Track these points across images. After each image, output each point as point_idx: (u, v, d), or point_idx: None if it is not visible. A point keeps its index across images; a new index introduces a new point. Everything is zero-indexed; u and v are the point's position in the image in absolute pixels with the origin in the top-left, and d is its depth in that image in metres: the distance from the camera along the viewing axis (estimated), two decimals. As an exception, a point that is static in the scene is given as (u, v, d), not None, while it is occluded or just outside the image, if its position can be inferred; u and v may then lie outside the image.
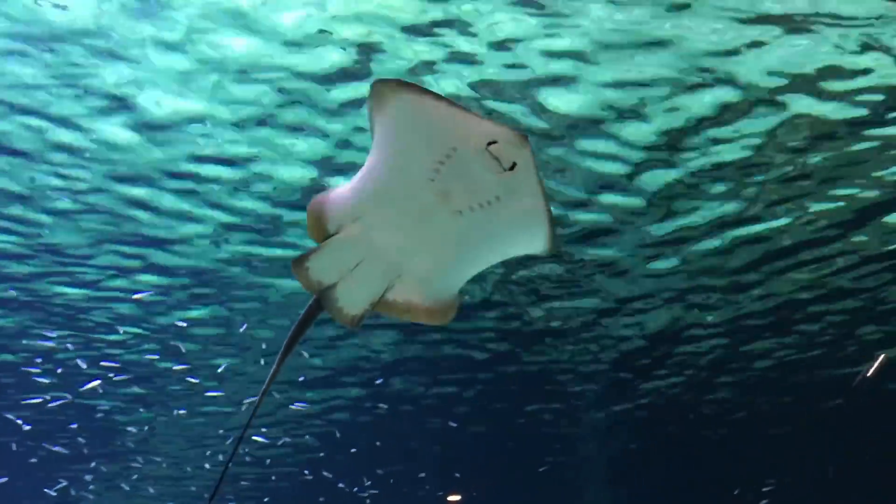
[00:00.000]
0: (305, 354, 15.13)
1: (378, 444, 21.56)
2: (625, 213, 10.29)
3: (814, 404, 19.04)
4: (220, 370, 15.79)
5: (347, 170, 9.28)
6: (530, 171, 3.05)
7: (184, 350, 14.79)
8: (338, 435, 20.64)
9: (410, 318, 3.51)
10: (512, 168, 3.01)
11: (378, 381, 16.92)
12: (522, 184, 3.08)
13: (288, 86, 7.89)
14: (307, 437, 20.93)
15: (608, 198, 9.91)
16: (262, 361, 15.53)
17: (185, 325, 13.76)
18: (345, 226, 3.31)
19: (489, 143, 2.97)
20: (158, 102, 8.08)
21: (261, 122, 8.46)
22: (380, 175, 3.21)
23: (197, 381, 16.23)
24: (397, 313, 3.49)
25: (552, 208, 3.39)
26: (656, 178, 9.53)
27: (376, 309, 3.47)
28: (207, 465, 23.36)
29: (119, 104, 8.11)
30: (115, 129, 8.53)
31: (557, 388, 17.65)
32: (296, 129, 8.60)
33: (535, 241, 3.35)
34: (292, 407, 17.82)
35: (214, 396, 17.40)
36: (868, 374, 16.88)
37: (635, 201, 10.01)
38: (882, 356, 16.18)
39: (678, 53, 7.35)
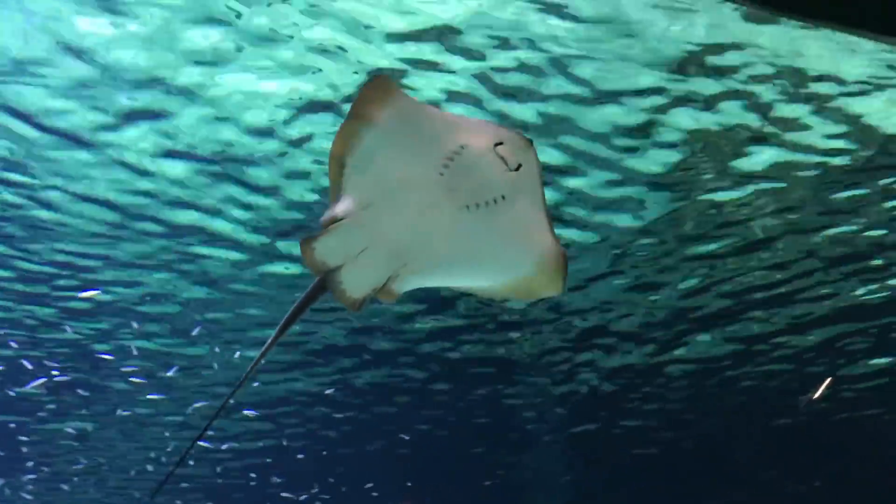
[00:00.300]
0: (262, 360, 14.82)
1: (324, 453, 21.37)
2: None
3: (762, 425, 19.40)
4: (170, 373, 15.45)
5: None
6: (535, 175, 3.23)
7: (135, 352, 14.42)
8: (285, 443, 20.39)
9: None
10: (517, 170, 3.19)
11: (329, 391, 16.74)
12: (527, 185, 3.25)
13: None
14: (260, 443, 20.63)
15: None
16: (216, 366, 15.24)
17: (136, 325, 13.41)
18: (354, 212, 3.41)
19: (496, 144, 3.16)
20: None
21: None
22: (389, 165, 3.33)
23: (143, 380, 15.84)
24: (396, 300, 3.63)
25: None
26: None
27: (378, 296, 3.58)
28: (150, 467, 22.84)
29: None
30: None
31: (511, 403, 17.71)
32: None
33: (538, 252, 3.42)
34: (244, 413, 17.54)
35: (158, 399, 17.01)
36: (815, 397, 17.24)
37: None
38: (829, 379, 16.52)
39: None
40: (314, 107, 7.88)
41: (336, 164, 3.41)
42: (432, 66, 7.26)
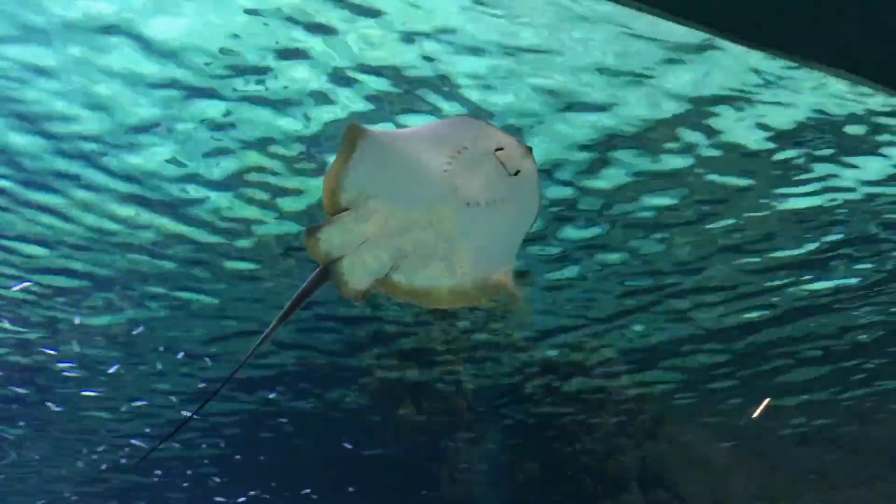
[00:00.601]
0: (208, 361, 14.64)
1: (262, 458, 21.13)
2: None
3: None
4: (111, 371, 15.07)
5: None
6: (533, 181, 3.37)
7: (78, 349, 14.04)
8: (222, 445, 20.11)
9: (417, 302, 3.74)
10: (515, 175, 3.33)
11: (271, 396, 16.57)
12: (523, 191, 3.39)
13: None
14: (203, 445, 20.28)
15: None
16: (160, 365, 14.91)
17: (78, 322, 13.03)
18: (358, 203, 3.49)
19: (497, 149, 3.30)
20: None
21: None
22: (394, 159, 3.44)
23: (78, 375, 15.41)
24: (401, 295, 3.70)
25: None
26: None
27: (381, 288, 3.66)
28: (81, 464, 22.24)
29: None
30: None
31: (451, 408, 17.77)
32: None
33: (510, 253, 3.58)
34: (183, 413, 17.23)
35: (94, 396, 16.60)
36: (753, 417, 17.70)
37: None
38: (767, 400, 16.99)
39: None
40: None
41: (333, 184, 3.47)
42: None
